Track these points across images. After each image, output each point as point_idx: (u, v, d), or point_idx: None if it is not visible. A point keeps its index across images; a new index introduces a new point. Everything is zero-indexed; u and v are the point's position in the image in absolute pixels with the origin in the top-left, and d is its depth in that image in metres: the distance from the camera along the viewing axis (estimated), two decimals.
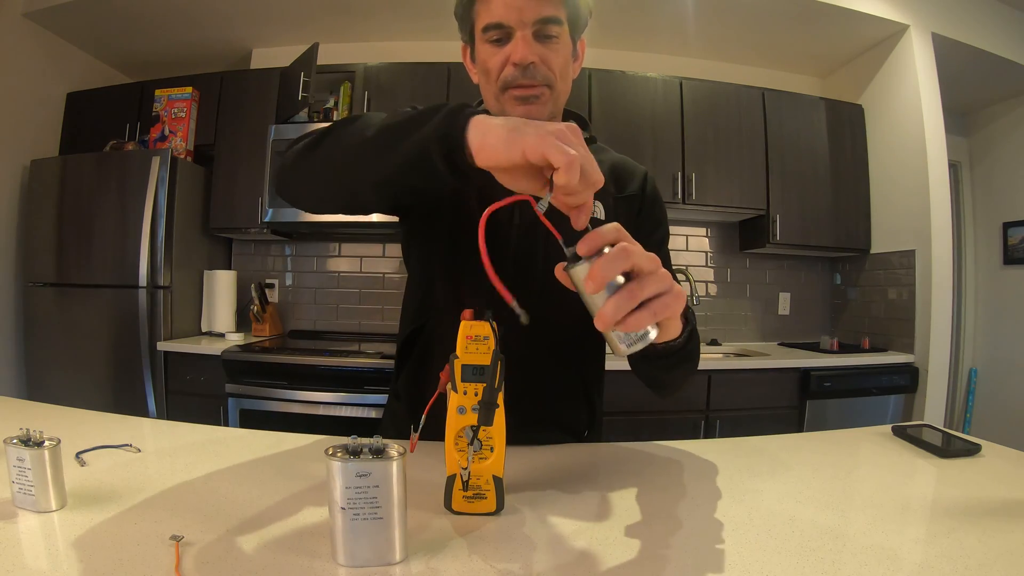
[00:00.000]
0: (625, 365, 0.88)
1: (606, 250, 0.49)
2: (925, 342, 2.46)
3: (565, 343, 0.87)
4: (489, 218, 0.79)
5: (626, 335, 0.50)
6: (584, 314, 0.87)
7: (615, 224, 0.50)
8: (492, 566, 0.48)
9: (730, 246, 3.01)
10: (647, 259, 0.49)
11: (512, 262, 0.81)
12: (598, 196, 0.82)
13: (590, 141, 0.87)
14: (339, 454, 0.46)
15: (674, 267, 2.80)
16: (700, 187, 2.59)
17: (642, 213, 0.89)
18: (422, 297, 0.90)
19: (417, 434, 0.69)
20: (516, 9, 0.70)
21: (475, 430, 0.56)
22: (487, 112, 0.58)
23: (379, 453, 0.47)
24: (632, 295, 0.48)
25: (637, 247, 0.50)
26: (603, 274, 0.47)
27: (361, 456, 0.46)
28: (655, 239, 0.90)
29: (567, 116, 0.89)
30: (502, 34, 0.72)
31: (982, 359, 3.32)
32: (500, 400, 0.57)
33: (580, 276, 0.50)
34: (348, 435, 0.50)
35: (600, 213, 0.84)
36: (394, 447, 0.48)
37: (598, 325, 0.48)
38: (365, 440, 0.47)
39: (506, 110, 0.77)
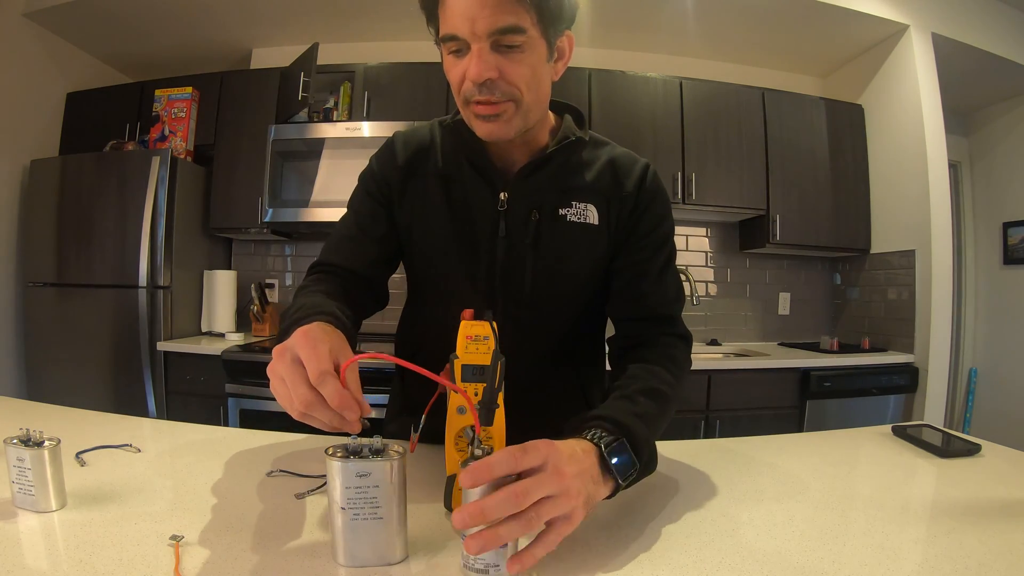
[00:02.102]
0: None
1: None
2: (925, 342, 2.46)
3: (559, 347, 0.86)
4: (474, 230, 0.80)
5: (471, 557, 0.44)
6: (576, 317, 0.83)
7: (507, 451, 0.46)
8: None
9: (730, 246, 3.01)
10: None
11: (500, 273, 0.80)
12: (591, 198, 0.80)
13: (578, 141, 0.81)
14: (339, 454, 0.46)
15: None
16: (700, 187, 2.59)
17: (637, 210, 0.81)
18: (418, 309, 0.91)
19: (417, 434, 0.69)
20: (468, 20, 0.63)
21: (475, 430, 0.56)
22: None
23: (379, 453, 0.47)
24: (495, 536, 0.43)
25: (529, 485, 0.45)
26: (489, 515, 0.43)
27: (361, 456, 0.46)
28: (657, 238, 0.82)
29: (563, 110, 0.85)
30: (460, 45, 0.66)
31: (982, 359, 3.32)
32: (500, 400, 0.57)
33: (465, 491, 0.45)
34: (348, 435, 0.50)
35: (593, 217, 0.80)
36: (394, 447, 0.48)
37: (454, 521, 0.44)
38: (365, 440, 0.47)
39: (472, 125, 0.73)
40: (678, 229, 2.94)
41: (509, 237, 0.79)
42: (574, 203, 0.79)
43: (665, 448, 0.85)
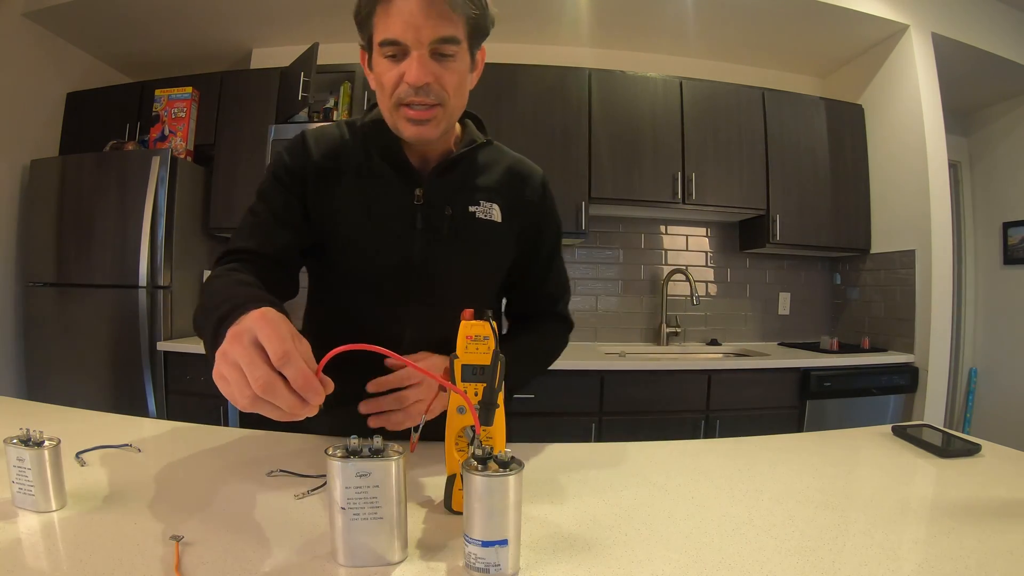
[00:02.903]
0: (621, 366, 0.88)
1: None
2: (925, 342, 2.46)
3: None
4: (391, 224, 0.84)
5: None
6: (483, 305, 0.97)
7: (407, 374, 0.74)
8: None
9: (730, 246, 3.01)
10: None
11: (417, 264, 0.83)
12: (496, 198, 0.86)
13: (486, 144, 0.88)
14: (339, 454, 0.46)
15: (676, 267, 2.82)
16: (700, 187, 2.59)
17: (540, 222, 0.92)
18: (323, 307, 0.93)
19: (417, 434, 0.69)
20: (413, 28, 0.69)
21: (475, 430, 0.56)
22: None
23: (379, 453, 0.47)
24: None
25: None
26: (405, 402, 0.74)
27: (361, 456, 0.46)
28: (551, 246, 0.95)
29: (465, 117, 0.90)
30: (398, 51, 0.71)
31: (982, 359, 3.32)
32: (500, 400, 0.57)
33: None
34: (348, 435, 0.50)
35: (496, 215, 0.86)
36: (394, 447, 0.48)
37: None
38: (365, 440, 0.47)
39: (398, 126, 0.77)
40: (678, 229, 2.96)
41: (426, 231, 0.83)
42: (481, 202, 0.86)
43: (665, 448, 0.86)
